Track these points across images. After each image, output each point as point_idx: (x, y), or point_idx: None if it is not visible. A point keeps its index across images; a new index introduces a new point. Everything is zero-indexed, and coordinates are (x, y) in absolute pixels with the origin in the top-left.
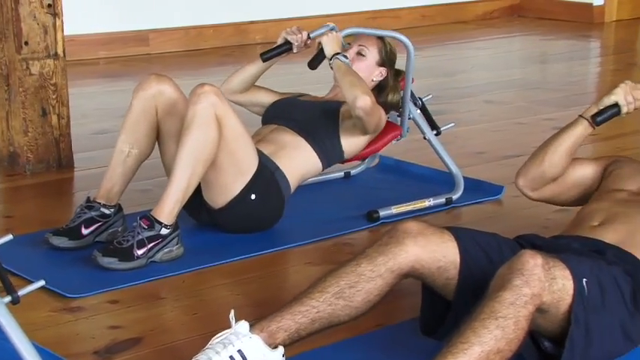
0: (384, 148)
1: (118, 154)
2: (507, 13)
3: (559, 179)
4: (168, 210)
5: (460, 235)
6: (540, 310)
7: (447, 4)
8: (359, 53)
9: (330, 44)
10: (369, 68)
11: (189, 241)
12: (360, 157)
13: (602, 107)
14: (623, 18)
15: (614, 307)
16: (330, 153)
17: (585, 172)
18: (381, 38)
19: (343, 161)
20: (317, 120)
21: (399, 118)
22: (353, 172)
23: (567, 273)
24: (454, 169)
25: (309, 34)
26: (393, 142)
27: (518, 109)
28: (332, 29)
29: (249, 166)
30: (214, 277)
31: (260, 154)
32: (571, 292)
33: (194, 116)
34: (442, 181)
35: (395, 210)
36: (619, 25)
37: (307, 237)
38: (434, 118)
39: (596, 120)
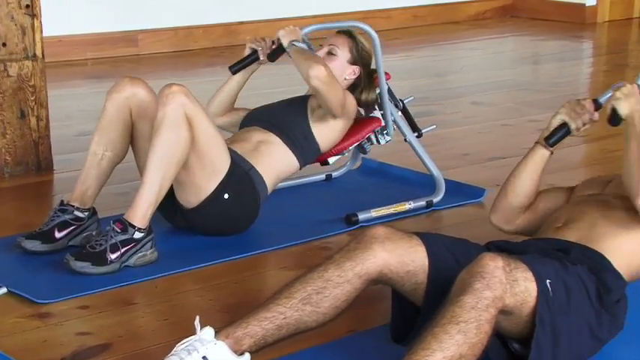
0: (363, 139)
1: (91, 156)
2: (500, 14)
3: (531, 208)
4: (141, 213)
5: (428, 239)
6: (504, 313)
7: (439, 5)
8: (329, 52)
9: (287, 36)
10: (341, 67)
11: (163, 245)
12: (341, 149)
13: (551, 129)
14: (616, 18)
15: (581, 306)
16: (304, 147)
17: (556, 202)
18: (352, 37)
19: (322, 156)
20: (286, 115)
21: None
22: (335, 174)
23: (530, 274)
24: (435, 171)
25: (272, 40)
26: (382, 142)
27: (506, 110)
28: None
29: (221, 166)
30: (188, 282)
31: (233, 153)
32: (534, 293)
33: (163, 117)
34: (425, 183)
35: (374, 213)
36: (611, 26)
37: (284, 241)
38: (420, 119)
39: (549, 142)
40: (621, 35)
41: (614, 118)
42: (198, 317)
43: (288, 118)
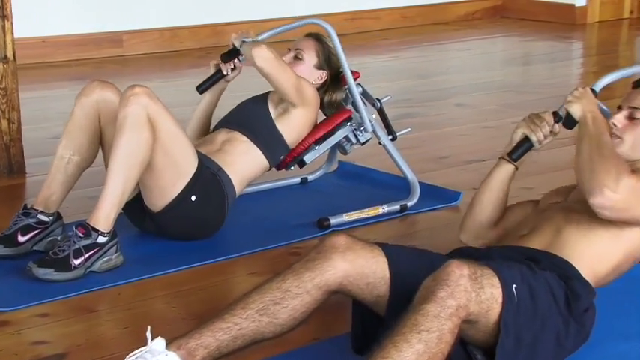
0: (334, 128)
1: (58, 161)
2: (490, 14)
3: (500, 224)
4: (104, 217)
5: (390, 250)
6: (469, 321)
7: (428, 5)
8: (296, 57)
9: (238, 37)
10: (307, 71)
11: (131, 250)
12: (310, 142)
13: (514, 144)
14: (606, 19)
15: (547, 313)
16: (270, 143)
17: (524, 212)
18: (318, 40)
19: (292, 152)
20: (248, 112)
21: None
22: (310, 177)
23: (496, 280)
24: (410, 175)
25: (238, 57)
26: (362, 140)
27: (489, 112)
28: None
29: (187, 167)
30: (154, 288)
31: (200, 156)
32: (500, 299)
33: (125, 119)
34: (403, 187)
35: (347, 217)
36: (601, 26)
37: (254, 245)
38: (402, 121)
39: (512, 157)
40: (611, 36)
41: (568, 121)
42: (149, 327)
43: (250, 115)
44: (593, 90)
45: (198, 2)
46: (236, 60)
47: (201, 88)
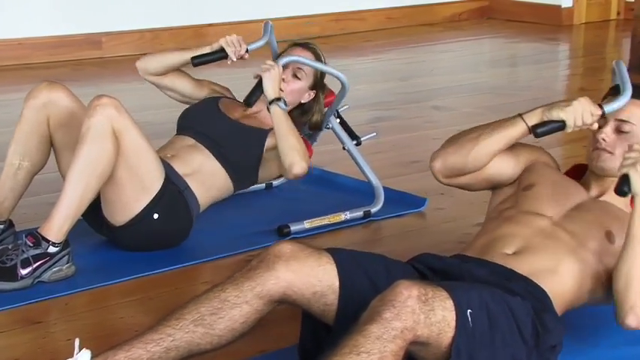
0: None
1: (8, 167)
2: (476, 16)
3: (475, 173)
4: (57, 227)
5: (340, 257)
6: (420, 344)
7: (413, 6)
8: (295, 75)
9: (271, 85)
10: (301, 92)
11: (85, 258)
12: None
13: (547, 119)
14: (592, 20)
15: (507, 340)
16: (244, 180)
17: (503, 170)
18: (318, 60)
19: None
20: (240, 148)
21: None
22: (275, 182)
23: (449, 303)
24: (374, 180)
25: (247, 49)
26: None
27: (465, 115)
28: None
29: (152, 184)
30: (103, 298)
31: (170, 170)
32: (453, 323)
33: (88, 129)
34: (370, 193)
35: (308, 224)
36: (588, 28)
37: (212, 253)
38: (377, 124)
39: (536, 131)
40: (598, 37)
41: (622, 190)
42: (77, 339)
43: (239, 153)
44: None
45: (179, 3)
46: (246, 54)
47: (197, 62)
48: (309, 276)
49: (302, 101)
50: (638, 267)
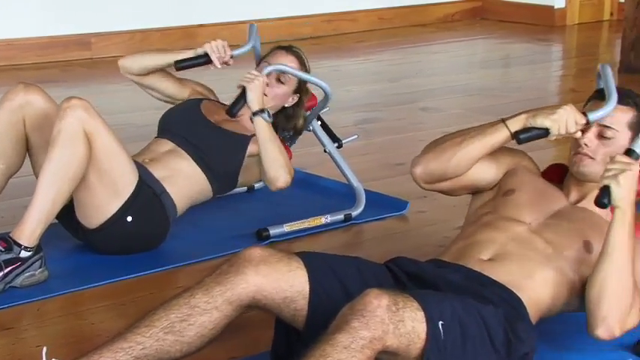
0: None
1: None
2: (469, 16)
3: (456, 178)
4: (29, 231)
5: (312, 262)
6: (390, 354)
7: (405, 7)
8: (279, 80)
9: (256, 96)
10: (285, 96)
11: (59, 263)
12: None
13: (530, 126)
14: (585, 21)
15: (478, 350)
16: (224, 185)
17: (484, 176)
18: (302, 65)
19: None
20: (220, 154)
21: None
22: (257, 185)
23: (420, 315)
24: (355, 183)
25: (232, 55)
26: None
27: (453, 116)
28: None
29: (124, 186)
30: (75, 303)
31: (147, 174)
32: (423, 335)
33: (59, 132)
34: (353, 195)
35: (287, 228)
36: (581, 29)
37: (189, 257)
38: (362, 126)
39: (519, 137)
40: (591, 38)
41: (602, 202)
42: (45, 348)
43: (219, 158)
44: (634, 154)
45: (169, 3)
46: (230, 60)
47: (180, 65)
48: (279, 281)
49: (285, 105)
50: (613, 278)
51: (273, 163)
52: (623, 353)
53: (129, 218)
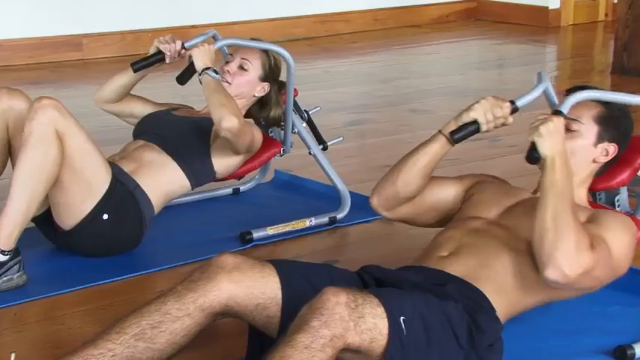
0: (261, 166)
1: None
2: (464, 17)
3: (416, 200)
4: (6, 235)
5: (284, 269)
6: (353, 351)
7: (400, 8)
8: (241, 67)
9: (201, 57)
10: (251, 83)
11: (39, 267)
12: (236, 175)
13: (461, 124)
14: (580, 22)
15: (445, 347)
16: (199, 172)
17: (445, 194)
18: (264, 51)
19: (217, 180)
20: (186, 138)
21: (282, 132)
22: (242, 188)
23: (380, 310)
24: (340, 186)
25: (183, 44)
26: (277, 157)
27: (442, 118)
28: (212, 36)
29: (98, 185)
30: (53, 308)
31: (118, 171)
32: (385, 331)
33: (30, 133)
34: (338, 198)
35: (271, 231)
36: (576, 29)
37: (170, 261)
38: (351, 127)
39: (454, 137)
40: (586, 39)
41: (533, 156)
42: (14, 354)
43: (188, 143)
44: (560, 112)
45: (161, 4)
46: (182, 50)
47: (136, 67)
48: (251, 288)
49: (255, 94)
50: (549, 218)
51: (219, 107)
52: (603, 357)
53: (104, 216)
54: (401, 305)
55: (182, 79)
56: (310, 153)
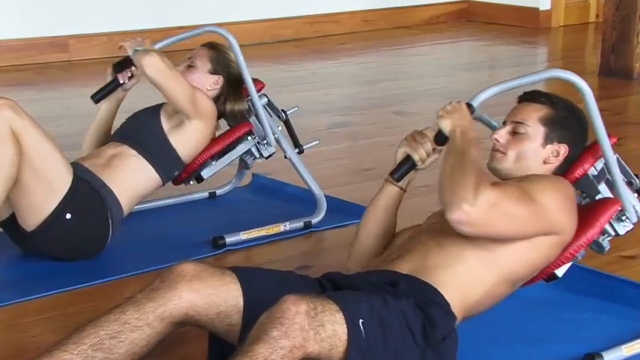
0: (232, 142)
1: None
2: (455, 18)
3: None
4: None
5: (245, 276)
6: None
7: (390, 9)
8: (189, 66)
9: (131, 45)
10: (202, 78)
11: (3, 272)
12: (206, 157)
13: (396, 163)
14: (571, 23)
15: (401, 346)
16: (161, 157)
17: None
18: (213, 48)
19: (189, 167)
20: (139, 125)
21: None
22: (219, 192)
23: (339, 316)
24: (316, 190)
25: (131, 60)
26: (265, 154)
27: (426, 120)
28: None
29: (60, 184)
30: (18, 315)
31: (82, 170)
32: (344, 337)
33: None
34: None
35: (244, 236)
36: (567, 31)
37: (142, 266)
38: (334, 130)
39: (394, 177)
40: (576, 40)
41: (439, 137)
42: None
43: (141, 128)
44: (470, 105)
45: (148, 6)
46: (133, 68)
47: (96, 98)
48: (212, 296)
49: (208, 88)
50: (448, 169)
51: (141, 59)
52: None
53: (68, 215)
54: (359, 308)
55: (119, 67)
56: (286, 157)
